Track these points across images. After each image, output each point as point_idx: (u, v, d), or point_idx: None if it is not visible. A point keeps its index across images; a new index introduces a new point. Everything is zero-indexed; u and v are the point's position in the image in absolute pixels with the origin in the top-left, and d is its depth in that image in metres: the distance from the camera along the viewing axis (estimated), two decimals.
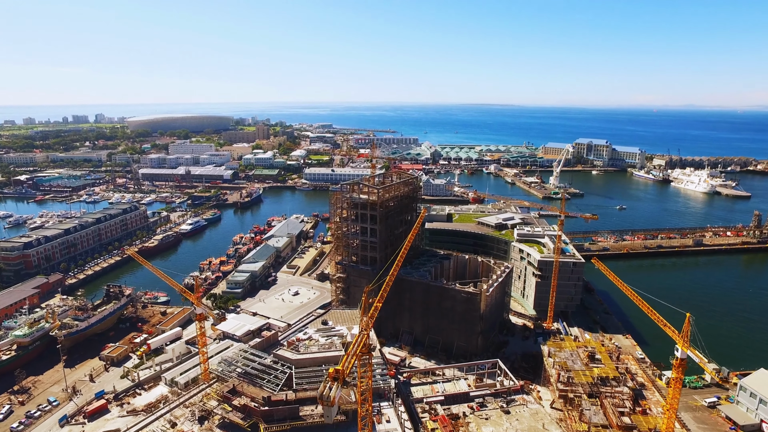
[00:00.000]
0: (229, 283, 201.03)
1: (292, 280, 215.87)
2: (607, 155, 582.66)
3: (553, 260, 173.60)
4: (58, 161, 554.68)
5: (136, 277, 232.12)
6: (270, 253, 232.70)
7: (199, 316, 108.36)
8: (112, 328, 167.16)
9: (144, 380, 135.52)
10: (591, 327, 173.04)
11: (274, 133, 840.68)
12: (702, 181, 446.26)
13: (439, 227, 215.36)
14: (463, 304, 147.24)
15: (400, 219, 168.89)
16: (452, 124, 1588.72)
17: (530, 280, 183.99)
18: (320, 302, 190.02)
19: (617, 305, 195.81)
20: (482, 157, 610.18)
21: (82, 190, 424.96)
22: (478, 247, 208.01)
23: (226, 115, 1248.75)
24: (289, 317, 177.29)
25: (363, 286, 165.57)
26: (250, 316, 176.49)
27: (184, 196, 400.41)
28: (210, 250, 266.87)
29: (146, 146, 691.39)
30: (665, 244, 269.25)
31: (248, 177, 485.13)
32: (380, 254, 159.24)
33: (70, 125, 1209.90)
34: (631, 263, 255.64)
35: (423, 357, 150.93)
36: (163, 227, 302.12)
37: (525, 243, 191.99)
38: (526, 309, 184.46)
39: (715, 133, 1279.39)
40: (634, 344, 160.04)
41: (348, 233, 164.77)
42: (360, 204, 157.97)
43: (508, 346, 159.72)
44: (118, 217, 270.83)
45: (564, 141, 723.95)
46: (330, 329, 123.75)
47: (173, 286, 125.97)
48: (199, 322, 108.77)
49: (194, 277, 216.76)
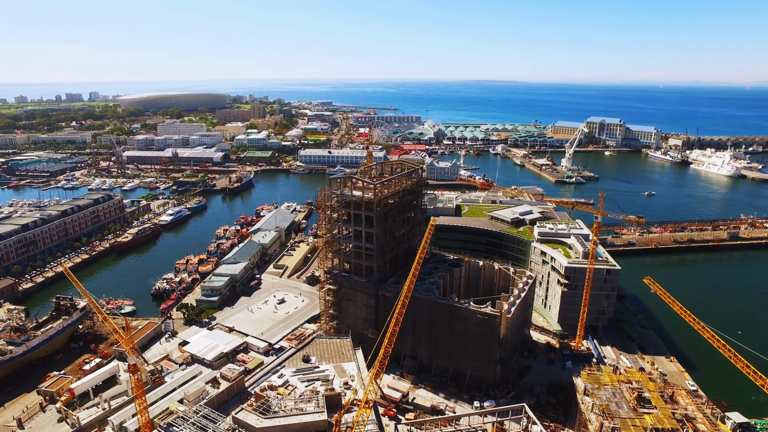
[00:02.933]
0: (204, 290, 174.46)
1: (279, 284, 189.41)
2: (621, 135, 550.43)
3: (582, 266, 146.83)
4: (40, 143, 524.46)
5: (105, 279, 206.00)
6: (254, 250, 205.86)
7: (132, 368, 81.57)
8: (61, 349, 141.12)
9: (86, 425, 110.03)
10: (626, 345, 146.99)
11: (271, 112, 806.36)
12: (725, 163, 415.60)
13: (447, 223, 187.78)
14: (478, 327, 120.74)
15: (402, 218, 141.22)
16: (454, 101, 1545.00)
17: (554, 289, 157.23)
18: (309, 312, 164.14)
19: (650, 312, 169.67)
20: (488, 136, 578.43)
21: (61, 174, 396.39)
22: (492, 247, 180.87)
23: (223, 93, 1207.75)
24: (271, 334, 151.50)
25: (357, 300, 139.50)
26: (225, 332, 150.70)
27: (169, 181, 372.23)
28: (191, 244, 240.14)
29: (136, 126, 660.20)
30: (697, 237, 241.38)
31: (240, 159, 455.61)
32: (378, 262, 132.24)
33: (62, 104, 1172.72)
34: (657, 259, 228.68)
35: (430, 388, 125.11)
36: (141, 218, 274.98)
37: (547, 243, 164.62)
38: (550, 323, 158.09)
39: (727, 111, 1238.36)
40: (681, 370, 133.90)
41: (339, 237, 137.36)
42: (353, 203, 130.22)
43: (530, 372, 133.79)
44: (88, 208, 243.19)
45: (571, 119, 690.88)
46: (312, 370, 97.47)
47: (99, 314, 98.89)
48: (133, 374, 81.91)
49: (168, 280, 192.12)
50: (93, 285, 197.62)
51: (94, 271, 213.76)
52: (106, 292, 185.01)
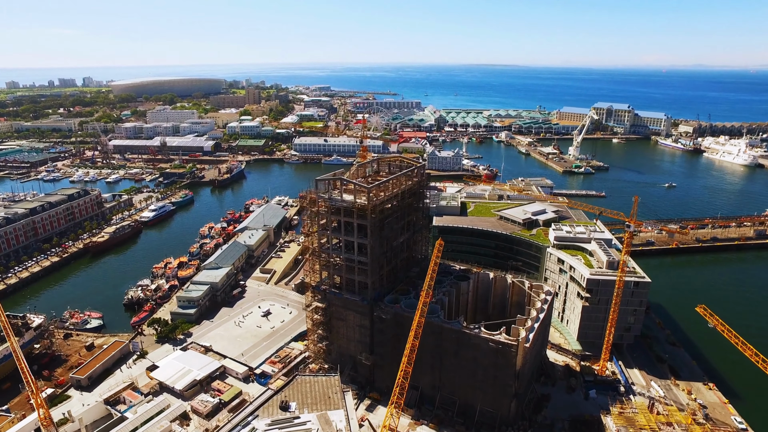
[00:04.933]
0: (180, 301, 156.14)
1: (265, 292, 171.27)
2: (629, 121, 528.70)
3: (607, 279, 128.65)
4: (24, 131, 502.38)
5: (75, 285, 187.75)
6: (239, 253, 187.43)
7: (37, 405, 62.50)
8: (10, 376, 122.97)
9: None
10: (656, 367, 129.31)
11: (267, 97, 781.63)
12: (741, 151, 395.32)
13: (450, 224, 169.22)
14: (490, 357, 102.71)
15: (402, 224, 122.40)
16: (455, 86, 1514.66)
17: (573, 302, 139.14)
18: (296, 327, 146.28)
19: (679, 326, 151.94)
20: (492, 123, 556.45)
21: (42, 165, 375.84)
22: (502, 251, 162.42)
23: (219, 78, 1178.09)
24: (252, 354, 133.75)
25: (349, 320, 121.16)
26: (200, 354, 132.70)
27: (156, 172, 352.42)
28: (174, 244, 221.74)
29: (126, 113, 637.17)
30: (720, 235, 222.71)
31: (231, 148, 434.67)
32: (373, 278, 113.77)
33: (55, 89, 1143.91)
34: (678, 259, 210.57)
35: (433, 426, 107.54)
36: (122, 214, 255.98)
37: (565, 249, 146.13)
38: (568, 341, 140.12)
39: (734, 95, 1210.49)
40: (724, 401, 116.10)
41: (327, 248, 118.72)
42: (343, 209, 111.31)
43: (549, 402, 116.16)
44: (61, 205, 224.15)
45: (576, 104, 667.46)
46: (291, 421, 79.69)
47: None
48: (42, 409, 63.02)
49: (143, 287, 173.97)
50: (61, 292, 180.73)
51: (66, 275, 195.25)
52: (74, 301, 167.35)
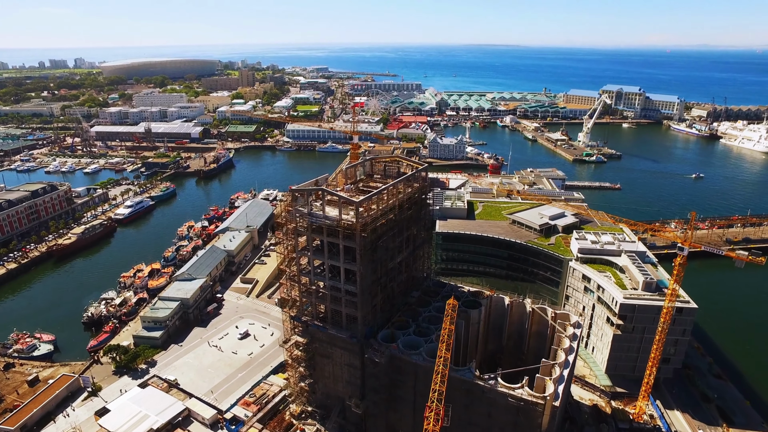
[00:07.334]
0: (144, 322, 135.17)
1: (244, 308, 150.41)
2: (640, 105, 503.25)
3: (645, 304, 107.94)
4: (1, 116, 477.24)
5: (29, 298, 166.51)
6: (217, 261, 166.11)
7: None
8: None
9: None
10: (701, 410, 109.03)
11: (261, 79, 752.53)
12: (762, 138, 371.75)
13: (456, 230, 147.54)
14: (510, 415, 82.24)
15: (400, 241, 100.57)
16: (456, 67, 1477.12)
17: (602, 328, 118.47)
18: (277, 354, 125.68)
19: (722, 353, 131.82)
20: (495, 106, 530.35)
21: (17, 154, 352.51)
22: (515, 262, 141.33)
23: (214, 59, 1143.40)
24: (224, 391, 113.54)
25: (336, 358, 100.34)
26: (162, 391, 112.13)
27: (138, 162, 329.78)
28: (151, 245, 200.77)
29: (114, 97, 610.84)
30: (753, 235, 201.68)
31: (221, 135, 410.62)
32: (363, 311, 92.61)
33: (45, 71, 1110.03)
34: (705, 263, 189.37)
35: None
36: (94, 211, 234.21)
37: (590, 264, 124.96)
38: (595, 373, 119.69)
39: (742, 76, 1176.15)
40: None
41: (308, 272, 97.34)
42: (326, 228, 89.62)
43: None
44: (23, 203, 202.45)
45: (581, 86, 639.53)
46: None
47: None
48: None
49: (107, 301, 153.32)
50: (12, 307, 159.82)
51: (22, 285, 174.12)
52: (26, 319, 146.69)
